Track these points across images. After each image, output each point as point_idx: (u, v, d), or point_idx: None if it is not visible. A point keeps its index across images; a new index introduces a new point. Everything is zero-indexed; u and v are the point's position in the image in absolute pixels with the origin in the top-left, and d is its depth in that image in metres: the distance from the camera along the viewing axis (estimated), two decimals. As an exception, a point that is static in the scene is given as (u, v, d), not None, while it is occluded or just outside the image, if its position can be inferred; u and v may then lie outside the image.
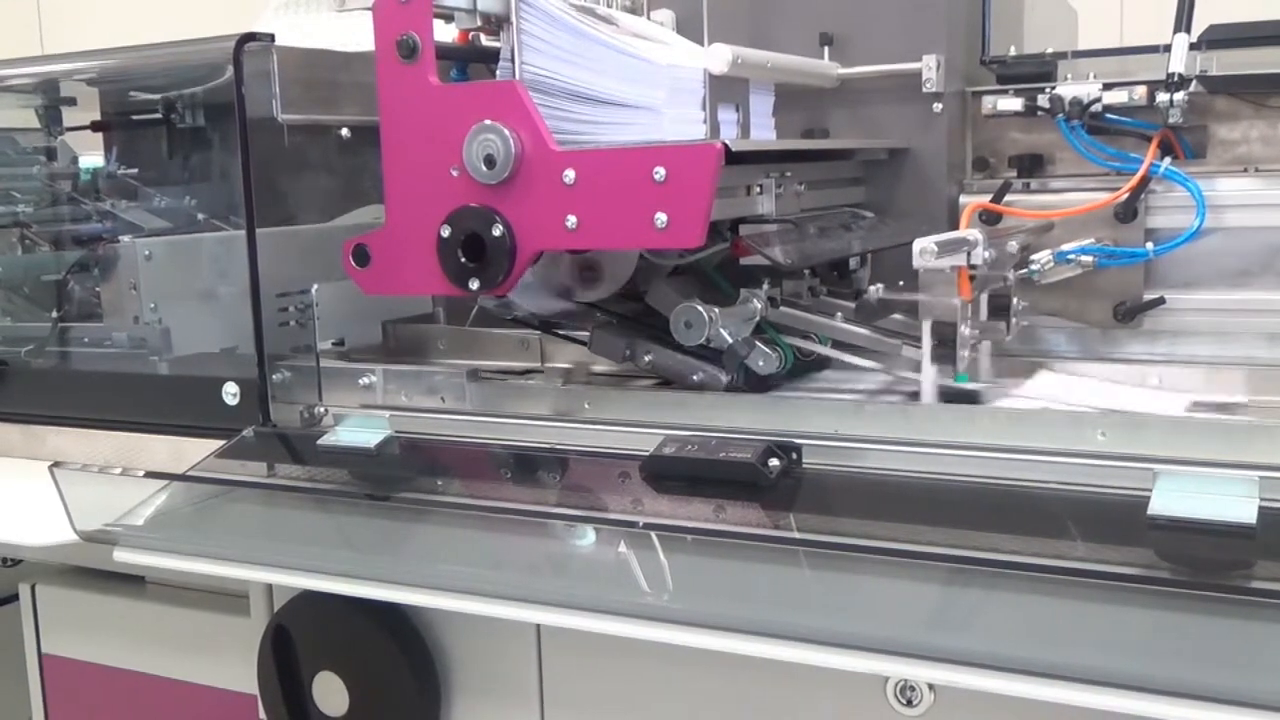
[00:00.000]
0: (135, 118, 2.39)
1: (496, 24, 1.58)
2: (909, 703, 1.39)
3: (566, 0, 1.65)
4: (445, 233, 1.59)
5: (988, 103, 1.91)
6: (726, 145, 1.44)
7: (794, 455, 1.48)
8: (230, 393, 1.89)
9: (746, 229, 1.66)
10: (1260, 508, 1.23)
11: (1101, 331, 1.84)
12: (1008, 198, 1.87)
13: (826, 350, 1.78)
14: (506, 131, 1.52)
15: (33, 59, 2.43)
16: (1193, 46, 1.78)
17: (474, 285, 1.59)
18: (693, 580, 1.42)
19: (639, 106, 1.67)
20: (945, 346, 1.60)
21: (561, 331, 1.91)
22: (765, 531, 1.41)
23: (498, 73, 1.59)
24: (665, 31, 1.90)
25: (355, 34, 1.90)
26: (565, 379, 1.82)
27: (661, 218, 1.46)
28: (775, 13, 1.99)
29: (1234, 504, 1.24)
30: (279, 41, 1.84)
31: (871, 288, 1.66)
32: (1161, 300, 1.80)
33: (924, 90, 1.91)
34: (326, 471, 1.71)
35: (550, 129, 1.52)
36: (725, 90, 1.75)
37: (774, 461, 1.45)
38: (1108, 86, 1.83)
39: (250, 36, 1.82)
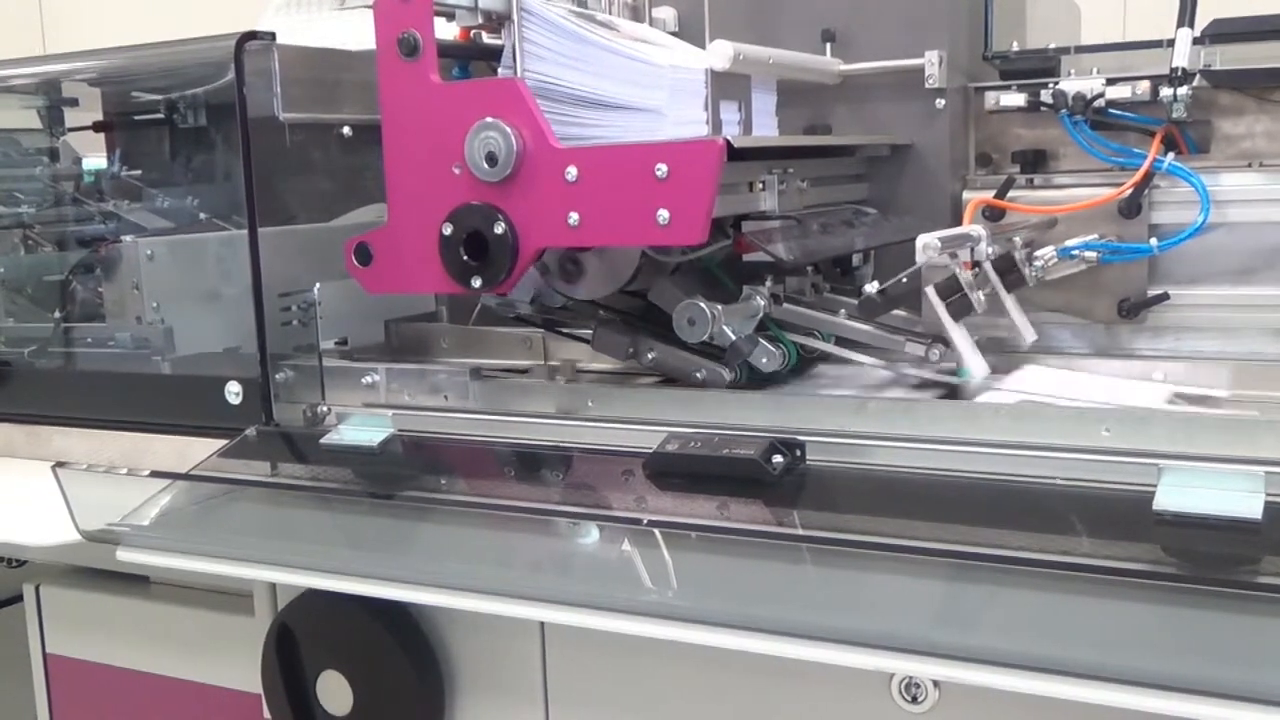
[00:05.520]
0: (137, 118, 2.39)
1: (497, 22, 1.59)
2: (914, 699, 1.39)
3: (566, 7, 1.65)
4: (447, 231, 1.59)
5: (990, 98, 1.91)
6: (728, 141, 1.43)
7: (798, 452, 1.48)
8: (233, 392, 1.89)
9: (749, 225, 1.66)
10: (1266, 503, 1.23)
11: (1105, 327, 1.83)
12: (1011, 193, 1.87)
13: (829, 347, 1.78)
14: (508, 129, 1.52)
15: (35, 59, 2.43)
16: (1196, 41, 1.78)
17: (476, 283, 1.59)
18: (697, 577, 1.42)
19: (642, 109, 1.67)
20: (948, 345, 1.60)
21: (564, 329, 1.91)
22: (769, 528, 1.41)
23: (499, 74, 1.59)
24: (665, 36, 1.90)
25: (356, 32, 1.90)
26: (568, 377, 1.81)
27: (663, 214, 1.46)
28: (777, 10, 1.99)
29: (1239, 499, 1.24)
30: (280, 40, 1.84)
31: (874, 284, 1.66)
32: (1165, 296, 1.80)
33: (926, 86, 1.90)
34: (330, 470, 1.71)
35: (555, 135, 1.52)
36: (727, 87, 1.75)
37: (777, 458, 1.45)
38: (1111, 82, 1.82)
39: (251, 35, 1.82)
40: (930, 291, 1.55)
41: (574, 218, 1.51)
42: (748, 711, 1.49)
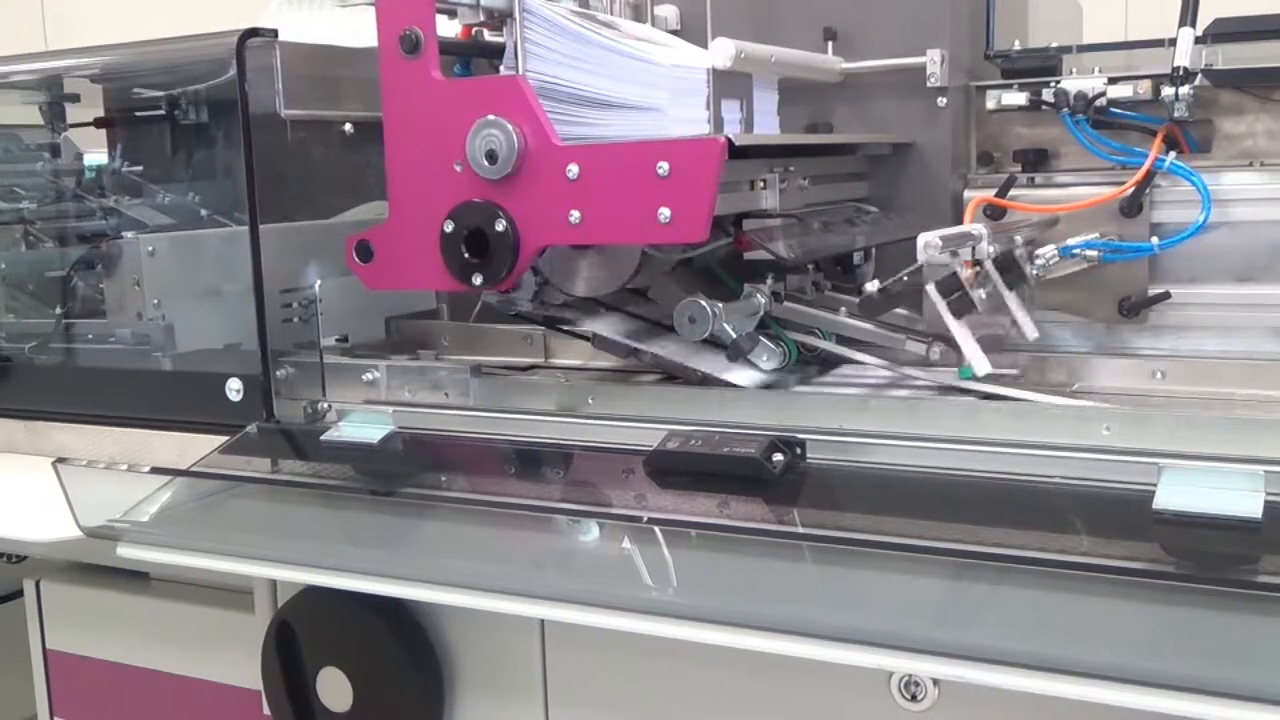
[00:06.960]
0: (139, 114, 2.39)
1: (499, 19, 1.58)
2: (913, 698, 1.39)
3: (568, 6, 1.65)
4: (448, 228, 1.59)
5: (992, 97, 1.91)
6: (730, 139, 1.44)
7: (798, 450, 1.48)
8: (234, 389, 1.89)
9: (750, 224, 1.66)
10: (1266, 502, 1.23)
11: (1106, 326, 1.83)
12: (1012, 192, 1.86)
13: (830, 345, 1.78)
14: (509, 126, 1.52)
15: (36, 55, 2.43)
16: (1198, 40, 1.78)
17: (477, 280, 1.59)
18: (697, 575, 1.42)
19: (644, 108, 1.67)
20: (949, 343, 1.59)
21: (565, 327, 1.91)
22: (770, 526, 1.41)
23: (501, 72, 1.59)
24: (666, 35, 1.90)
25: (358, 29, 1.90)
26: (568, 374, 1.81)
27: (665, 212, 1.46)
28: (779, 8, 1.99)
29: (1239, 498, 1.24)
30: (282, 37, 1.84)
31: (875, 282, 1.66)
32: (1166, 295, 1.80)
33: (928, 85, 1.90)
34: (330, 467, 1.71)
35: (558, 134, 1.52)
36: (729, 86, 1.75)
37: (778, 456, 1.45)
38: (1112, 81, 1.82)
39: (253, 32, 1.82)
40: (931, 289, 1.55)
41: (575, 215, 1.51)
42: (747, 709, 1.49)
